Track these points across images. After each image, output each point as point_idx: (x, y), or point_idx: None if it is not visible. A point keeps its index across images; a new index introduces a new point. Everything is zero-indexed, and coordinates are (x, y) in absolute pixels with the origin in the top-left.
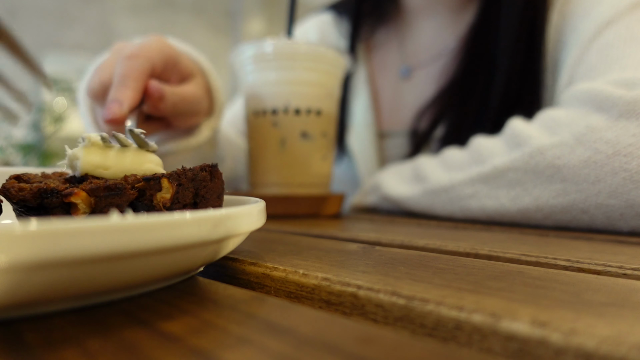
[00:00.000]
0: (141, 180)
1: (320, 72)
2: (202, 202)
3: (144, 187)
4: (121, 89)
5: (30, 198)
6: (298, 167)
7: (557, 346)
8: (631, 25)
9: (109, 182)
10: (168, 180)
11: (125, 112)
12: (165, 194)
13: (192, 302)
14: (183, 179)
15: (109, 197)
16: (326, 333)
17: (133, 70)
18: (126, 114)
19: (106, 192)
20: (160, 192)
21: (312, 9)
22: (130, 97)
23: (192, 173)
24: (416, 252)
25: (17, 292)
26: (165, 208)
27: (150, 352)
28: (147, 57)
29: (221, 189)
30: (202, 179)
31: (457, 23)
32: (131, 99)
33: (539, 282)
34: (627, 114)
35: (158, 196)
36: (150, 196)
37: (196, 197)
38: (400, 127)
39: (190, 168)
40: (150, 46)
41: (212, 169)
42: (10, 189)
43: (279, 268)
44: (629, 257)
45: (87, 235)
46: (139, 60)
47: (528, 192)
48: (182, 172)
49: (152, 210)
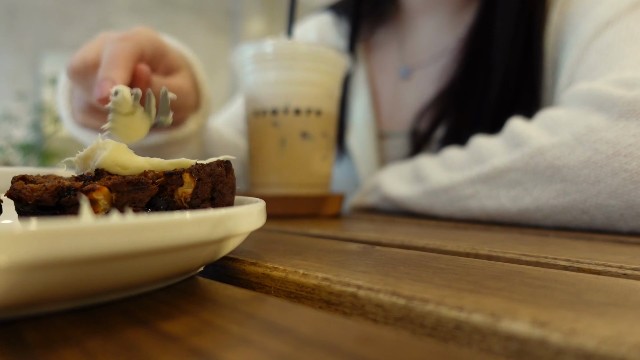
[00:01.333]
0: (162, 175)
1: (320, 72)
2: (218, 197)
3: (165, 182)
4: (113, 67)
5: (48, 197)
6: (298, 167)
7: (557, 346)
8: (631, 25)
9: (132, 177)
10: (190, 175)
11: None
12: (187, 188)
13: (192, 302)
14: (202, 174)
15: (132, 193)
16: (326, 333)
17: (124, 51)
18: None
19: (130, 187)
20: (182, 187)
21: (312, 9)
22: (122, 77)
23: (210, 168)
24: (416, 252)
25: (17, 292)
26: (186, 203)
27: (150, 352)
28: (137, 41)
29: (234, 185)
30: (219, 174)
31: (457, 23)
32: (123, 79)
33: (539, 282)
34: (627, 114)
35: (179, 191)
36: (172, 191)
37: (213, 192)
38: (400, 128)
39: (208, 163)
40: (140, 33)
41: (227, 164)
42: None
43: (279, 268)
44: (629, 257)
45: (87, 235)
46: (130, 42)
47: (528, 192)
48: (200, 167)
49: (173, 205)
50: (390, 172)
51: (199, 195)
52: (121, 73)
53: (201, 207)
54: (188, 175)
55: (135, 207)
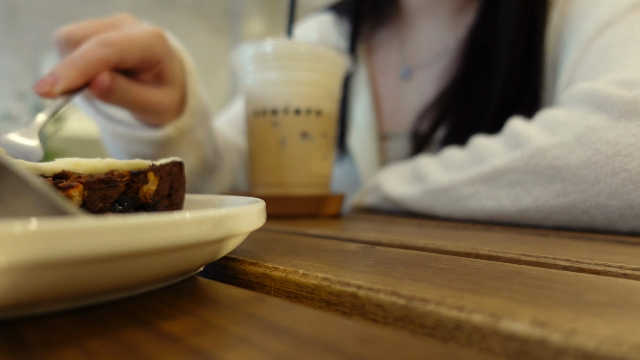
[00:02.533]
0: (128, 174)
1: (320, 72)
2: (174, 194)
3: (131, 181)
4: (68, 67)
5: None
6: (298, 167)
7: (557, 346)
8: (631, 25)
9: (104, 176)
10: (154, 173)
11: (55, 91)
12: (151, 186)
13: (192, 302)
14: (162, 173)
15: (103, 190)
16: (326, 333)
17: (92, 55)
18: (55, 94)
19: (103, 185)
20: (147, 185)
21: (312, 9)
22: (71, 79)
23: (169, 168)
24: (416, 252)
25: (17, 292)
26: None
27: (150, 352)
28: (119, 50)
29: (185, 183)
30: (175, 173)
31: (457, 24)
32: (70, 81)
33: (539, 282)
34: (628, 114)
35: (144, 188)
36: (137, 189)
37: (171, 189)
38: (401, 129)
39: (166, 163)
40: (136, 39)
41: (180, 164)
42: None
43: (279, 268)
44: (629, 257)
45: (87, 235)
46: (108, 50)
47: (528, 192)
48: (161, 167)
49: (137, 201)
50: (390, 172)
51: (160, 192)
52: (72, 75)
53: (161, 202)
54: (152, 174)
55: (104, 202)
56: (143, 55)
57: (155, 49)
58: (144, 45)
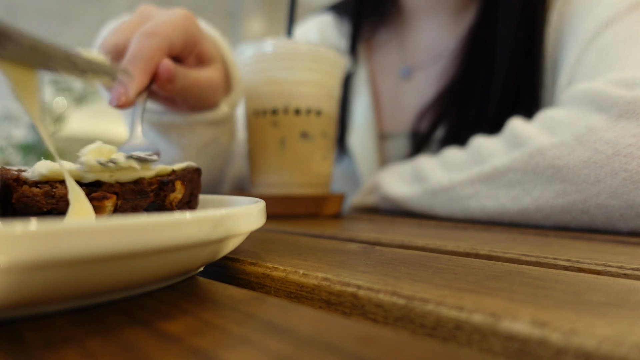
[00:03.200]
0: (156, 182)
1: (320, 72)
2: (192, 200)
3: (159, 189)
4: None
5: (64, 206)
6: (298, 167)
7: (557, 346)
8: (631, 25)
9: (136, 187)
10: (182, 182)
11: (130, 99)
12: (177, 194)
13: (192, 302)
14: (186, 181)
15: (135, 200)
16: (326, 333)
17: (146, 50)
18: (132, 101)
19: (136, 196)
20: (174, 193)
21: (312, 9)
22: (138, 82)
23: (190, 175)
24: (416, 252)
25: (17, 292)
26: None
27: (150, 352)
28: (166, 36)
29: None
30: (195, 180)
31: (457, 24)
32: (138, 83)
33: (539, 282)
34: (627, 114)
35: (171, 196)
36: (164, 197)
37: (191, 195)
38: (401, 129)
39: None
40: (174, 23)
41: (199, 171)
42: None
43: (279, 268)
44: (629, 257)
45: (87, 235)
46: (157, 38)
47: (528, 192)
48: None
49: (163, 209)
50: (390, 172)
51: (182, 200)
52: (139, 77)
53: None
54: (179, 183)
55: (134, 211)
56: (185, 37)
57: (191, 30)
58: (182, 26)
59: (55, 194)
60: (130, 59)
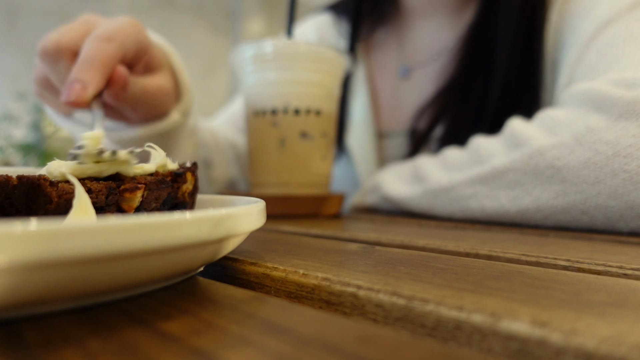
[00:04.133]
0: (169, 174)
1: (320, 72)
2: (195, 193)
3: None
4: (87, 69)
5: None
6: (298, 167)
7: (557, 346)
8: (631, 24)
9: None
10: (192, 174)
11: (89, 96)
12: (189, 185)
13: (192, 302)
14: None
15: (159, 190)
16: (326, 333)
17: (105, 54)
18: (90, 99)
19: (161, 186)
20: (186, 184)
21: (312, 9)
22: (97, 81)
23: (194, 168)
24: (416, 252)
25: (17, 292)
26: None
27: (150, 352)
28: (121, 42)
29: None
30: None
31: (456, 23)
32: (97, 83)
33: (539, 282)
34: (627, 114)
35: (183, 187)
36: (177, 188)
37: (194, 187)
38: (400, 127)
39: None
40: (126, 30)
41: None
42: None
43: (279, 268)
44: (629, 257)
45: (87, 235)
46: (113, 44)
47: (528, 192)
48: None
49: (176, 200)
50: (390, 172)
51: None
52: (96, 77)
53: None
54: (190, 174)
55: (157, 202)
56: (136, 43)
57: (141, 38)
58: (133, 34)
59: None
60: (87, 61)
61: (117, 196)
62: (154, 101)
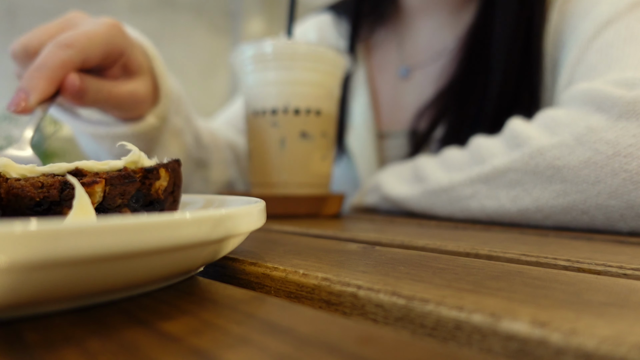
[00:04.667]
0: (140, 170)
1: (320, 72)
2: (177, 191)
3: (144, 177)
4: (35, 76)
5: (55, 193)
6: (298, 167)
7: (557, 346)
8: (631, 24)
9: (123, 172)
10: (166, 170)
11: (30, 105)
12: (163, 182)
13: (192, 302)
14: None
15: (123, 185)
16: (326, 333)
17: (54, 60)
18: (31, 108)
19: (124, 181)
20: (159, 181)
21: (312, 9)
22: (41, 89)
23: (172, 165)
24: (416, 252)
25: (17, 292)
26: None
27: (150, 352)
28: (80, 49)
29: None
30: (176, 170)
31: (456, 23)
32: (41, 91)
33: (539, 282)
34: (627, 114)
35: (157, 184)
36: (149, 185)
37: (174, 186)
38: (400, 128)
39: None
40: (94, 35)
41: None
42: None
43: (279, 268)
44: (629, 257)
45: (87, 235)
46: (69, 51)
47: (528, 192)
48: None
49: (149, 197)
50: (390, 172)
51: (167, 189)
52: (41, 84)
53: (167, 199)
54: (164, 171)
55: (122, 198)
56: (105, 49)
57: (115, 41)
58: (103, 39)
59: (44, 183)
60: (37, 67)
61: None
62: (122, 106)
